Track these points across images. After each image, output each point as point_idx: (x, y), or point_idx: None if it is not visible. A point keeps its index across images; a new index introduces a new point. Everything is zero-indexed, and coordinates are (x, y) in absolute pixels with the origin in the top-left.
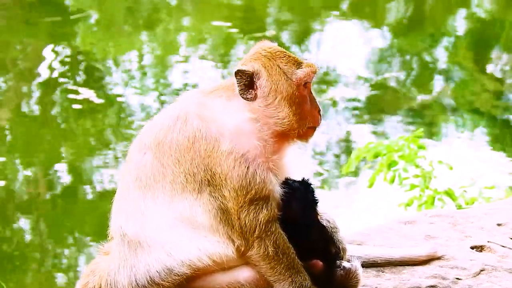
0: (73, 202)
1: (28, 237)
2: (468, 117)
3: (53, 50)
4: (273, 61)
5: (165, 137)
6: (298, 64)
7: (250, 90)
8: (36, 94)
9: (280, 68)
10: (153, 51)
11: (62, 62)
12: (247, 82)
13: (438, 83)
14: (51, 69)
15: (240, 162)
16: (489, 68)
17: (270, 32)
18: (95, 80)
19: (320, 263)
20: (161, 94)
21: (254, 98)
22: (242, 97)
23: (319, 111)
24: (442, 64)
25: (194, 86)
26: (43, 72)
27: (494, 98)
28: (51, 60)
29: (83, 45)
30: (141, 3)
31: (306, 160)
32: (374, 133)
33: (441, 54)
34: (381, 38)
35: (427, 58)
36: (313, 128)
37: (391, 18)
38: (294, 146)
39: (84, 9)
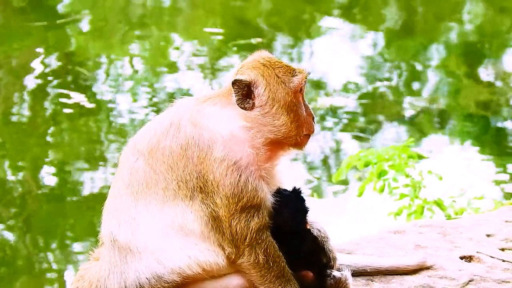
0: (61, 207)
1: (14, 243)
2: (458, 126)
3: (44, 53)
4: (271, 70)
5: (158, 144)
6: (292, 71)
7: (248, 100)
8: (26, 98)
9: (278, 77)
10: (144, 56)
11: (53, 66)
12: (244, 92)
13: (428, 91)
14: (42, 73)
15: (232, 170)
16: (481, 75)
17: (256, 39)
18: (86, 84)
19: (311, 274)
20: (152, 100)
21: (252, 107)
22: (240, 107)
23: (313, 118)
24: (433, 72)
25: (185, 93)
26: (34, 75)
27: (485, 106)
28: (41, 64)
29: (74, 50)
30: (134, 6)
31: (297, 167)
32: (364, 141)
33: (432, 62)
34: (372, 45)
35: (418, 66)
36: (308, 136)
37: (384, 24)
38: (288, 155)
39: (75, 12)
